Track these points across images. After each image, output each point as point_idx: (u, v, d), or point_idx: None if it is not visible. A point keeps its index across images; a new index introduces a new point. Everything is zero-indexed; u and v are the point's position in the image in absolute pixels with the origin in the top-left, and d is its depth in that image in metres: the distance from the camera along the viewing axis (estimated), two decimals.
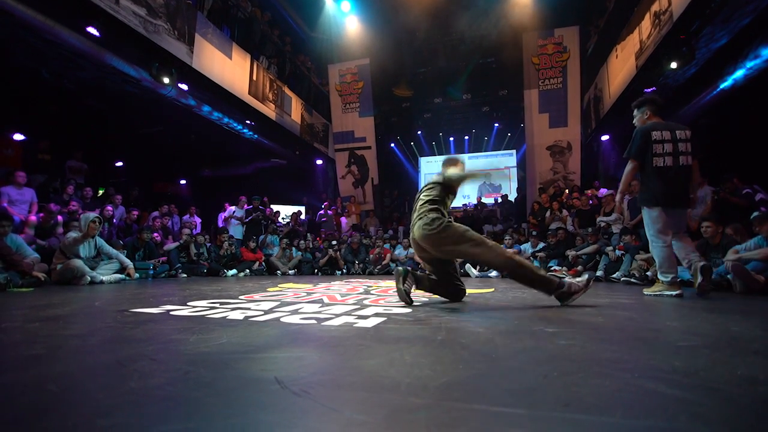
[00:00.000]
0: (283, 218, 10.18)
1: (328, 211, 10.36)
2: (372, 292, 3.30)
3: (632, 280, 4.69)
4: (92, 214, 4.79)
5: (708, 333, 1.57)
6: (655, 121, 3.14)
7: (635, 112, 3.29)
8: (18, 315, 2.04)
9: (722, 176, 5.46)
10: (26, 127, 7.97)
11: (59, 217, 5.49)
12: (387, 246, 7.93)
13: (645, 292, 3.20)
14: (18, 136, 7.95)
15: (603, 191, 7.88)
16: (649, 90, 7.36)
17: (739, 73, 6.61)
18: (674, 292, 2.96)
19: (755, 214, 3.74)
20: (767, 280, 3.29)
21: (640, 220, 5.59)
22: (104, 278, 4.51)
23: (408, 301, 2.38)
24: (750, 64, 6.38)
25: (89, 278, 4.32)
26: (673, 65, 6.26)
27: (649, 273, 4.59)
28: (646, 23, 6.70)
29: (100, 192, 8.57)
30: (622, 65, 7.85)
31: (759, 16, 5.64)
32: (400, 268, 2.49)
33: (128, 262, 5.00)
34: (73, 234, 4.47)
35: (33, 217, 5.29)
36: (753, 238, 3.69)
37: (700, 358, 1.14)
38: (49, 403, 0.78)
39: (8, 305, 2.45)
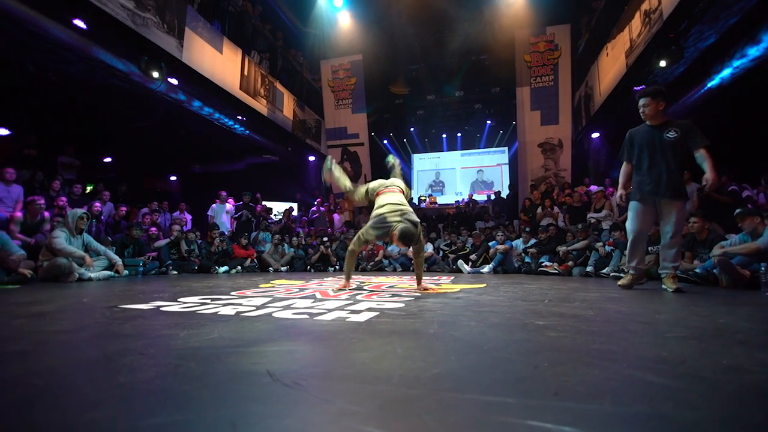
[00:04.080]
0: (275, 215, 10.11)
1: (321, 208, 10.32)
2: (365, 287, 3.30)
3: (622, 275, 4.74)
4: (80, 211, 4.72)
5: (695, 325, 1.60)
6: None
7: (648, 100, 3.04)
8: (3, 312, 2.00)
9: None
10: (11, 121, 7.79)
11: (45, 213, 5.39)
12: (380, 242, 7.93)
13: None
14: (2, 131, 7.76)
15: (593, 188, 7.97)
16: (639, 88, 7.44)
17: (726, 72, 6.71)
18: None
19: (738, 210, 3.82)
20: (752, 274, 3.36)
21: None
22: (92, 275, 4.43)
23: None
24: (737, 63, 6.48)
25: (77, 275, 4.25)
26: (663, 64, 6.34)
27: None
28: (636, 22, 6.77)
29: (89, 188, 8.44)
30: (612, 63, 7.93)
31: (745, 15, 5.73)
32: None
33: (117, 258, 4.93)
34: (62, 239, 4.33)
35: (18, 214, 5.18)
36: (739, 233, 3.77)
37: (687, 349, 1.16)
38: (35, 397, 0.77)
39: None
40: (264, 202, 9.62)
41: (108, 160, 10.65)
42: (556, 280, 4.73)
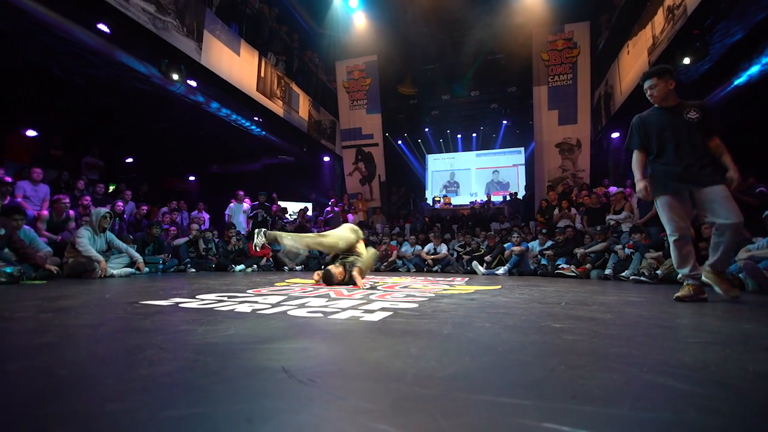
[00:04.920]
0: (290, 214, 10.23)
1: (335, 208, 10.38)
2: (378, 287, 3.31)
3: (642, 278, 4.63)
4: (103, 210, 4.86)
5: (719, 330, 1.54)
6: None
7: (655, 80, 2.67)
8: (31, 306, 2.08)
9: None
10: (38, 123, 8.10)
11: (70, 212, 5.58)
12: (394, 243, 7.93)
13: None
14: (30, 132, 8.09)
15: (612, 189, 7.79)
16: None
17: (754, 69, 6.48)
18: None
19: (767, 212, 3.67)
20: None
21: (650, 218, 5.55)
22: (114, 272, 4.57)
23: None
24: (766, 59, 6.24)
25: (100, 272, 4.38)
26: (687, 61, 6.15)
27: (659, 272, 4.53)
28: (659, 18, 6.58)
29: (111, 188, 8.69)
30: (634, 61, 7.73)
31: None
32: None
33: (138, 256, 5.06)
34: (85, 240, 4.49)
35: (45, 212, 5.39)
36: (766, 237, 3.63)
37: (710, 354, 1.13)
38: (60, 388, 0.80)
39: (22, 296, 2.50)
40: (279, 202, 9.74)
41: (130, 160, 10.98)
42: (574, 282, 4.64)
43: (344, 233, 3.79)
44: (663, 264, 4.55)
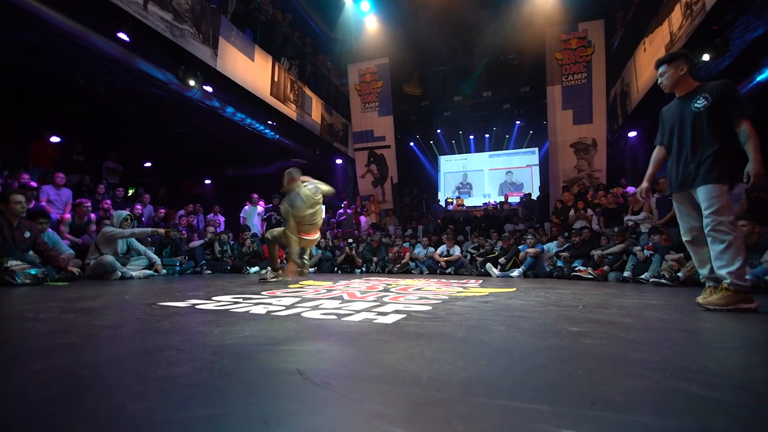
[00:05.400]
0: None
1: (348, 210, 10.42)
2: (391, 290, 3.30)
3: (662, 281, 4.50)
4: (124, 212, 5.00)
5: (744, 335, 1.49)
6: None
7: (665, 68, 2.53)
8: (54, 306, 2.14)
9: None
10: (61, 130, 8.37)
11: (92, 215, 5.75)
12: (406, 245, 7.90)
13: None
14: (54, 139, 8.37)
15: (630, 189, 7.61)
16: None
17: None
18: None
19: None
20: None
21: (670, 219, 5.40)
22: (134, 274, 4.68)
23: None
24: None
25: (120, 273, 4.49)
26: (706, 57, 5.98)
27: (680, 274, 4.40)
28: (677, 14, 6.43)
29: (131, 191, 8.92)
30: (650, 58, 7.56)
31: None
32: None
33: (156, 258, 5.18)
34: (117, 229, 4.74)
35: (68, 215, 5.56)
36: None
37: (737, 360, 1.09)
38: (82, 387, 0.82)
39: (45, 297, 2.57)
40: None
41: (148, 164, 11.24)
42: (591, 285, 4.55)
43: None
44: (684, 266, 4.41)
